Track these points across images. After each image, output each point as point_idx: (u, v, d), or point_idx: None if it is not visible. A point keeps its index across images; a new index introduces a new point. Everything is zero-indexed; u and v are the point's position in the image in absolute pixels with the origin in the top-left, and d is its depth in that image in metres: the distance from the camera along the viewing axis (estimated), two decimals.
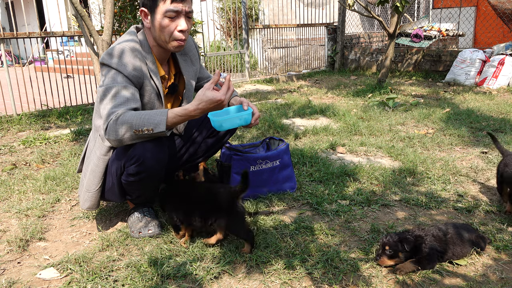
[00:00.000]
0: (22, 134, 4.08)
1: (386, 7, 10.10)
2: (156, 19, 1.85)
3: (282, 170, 2.38)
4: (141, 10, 1.89)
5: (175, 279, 1.63)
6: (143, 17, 1.90)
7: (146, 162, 1.80)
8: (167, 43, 1.90)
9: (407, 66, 7.63)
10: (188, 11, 1.88)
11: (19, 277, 1.70)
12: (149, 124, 1.70)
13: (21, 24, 13.51)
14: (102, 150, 1.94)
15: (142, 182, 1.89)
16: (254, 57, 8.59)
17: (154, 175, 1.89)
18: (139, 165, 1.81)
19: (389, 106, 4.63)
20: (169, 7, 1.81)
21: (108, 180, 1.97)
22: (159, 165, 1.86)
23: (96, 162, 1.95)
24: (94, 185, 1.97)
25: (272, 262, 1.71)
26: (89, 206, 2.01)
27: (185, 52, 2.15)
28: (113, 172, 1.92)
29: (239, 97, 2.26)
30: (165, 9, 1.82)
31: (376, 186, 2.51)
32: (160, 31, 1.87)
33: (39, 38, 5.70)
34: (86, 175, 2.01)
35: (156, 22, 1.86)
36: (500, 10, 7.50)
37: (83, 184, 2.03)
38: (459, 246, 1.69)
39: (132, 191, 1.96)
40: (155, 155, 1.81)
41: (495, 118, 4.03)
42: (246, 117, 1.88)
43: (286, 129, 3.82)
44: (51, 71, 5.42)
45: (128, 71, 1.82)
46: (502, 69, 5.96)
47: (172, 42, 1.89)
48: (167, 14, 1.82)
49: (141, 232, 1.97)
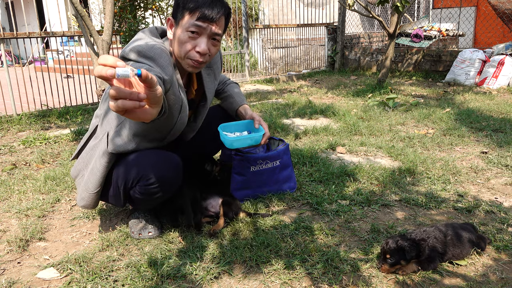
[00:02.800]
0: (22, 134, 4.08)
1: (386, 7, 10.10)
2: (178, 31, 1.70)
3: (282, 170, 2.38)
4: (168, 19, 1.76)
5: (175, 279, 1.63)
6: (169, 27, 1.76)
7: (161, 185, 1.76)
8: (182, 60, 1.74)
9: (407, 66, 7.63)
10: (215, 32, 1.70)
11: (19, 277, 1.70)
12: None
13: (21, 24, 13.51)
14: (104, 157, 1.83)
15: (159, 199, 1.85)
16: (254, 57, 8.59)
17: (167, 195, 1.86)
18: (154, 188, 1.76)
19: (389, 106, 4.63)
20: (193, 22, 1.65)
21: (112, 188, 1.88)
22: (173, 187, 1.83)
23: (98, 166, 1.85)
24: (93, 187, 1.87)
25: (272, 262, 1.71)
26: (85, 205, 1.93)
27: (210, 64, 2.00)
28: (120, 184, 1.82)
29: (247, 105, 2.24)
30: (189, 24, 1.66)
31: (376, 186, 2.51)
32: (179, 46, 1.71)
33: (39, 38, 5.70)
34: (85, 174, 1.93)
35: (176, 35, 1.71)
36: (500, 10, 7.50)
37: (79, 183, 1.95)
38: (459, 248, 1.69)
39: (139, 203, 1.91)
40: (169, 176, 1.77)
41: (495, 118, 4.03)
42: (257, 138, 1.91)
43: (286, 129, 3.82)
44: (51, 71, 5.42)
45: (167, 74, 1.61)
46: (502, 69, 5.96)
47: (187, 60, 1.73)
48: (189, 29, 1.66)
49: (141, 234, 1.96)
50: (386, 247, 1.62)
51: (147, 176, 1.74)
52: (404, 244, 1.61)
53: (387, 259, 1.61)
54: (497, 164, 2.80)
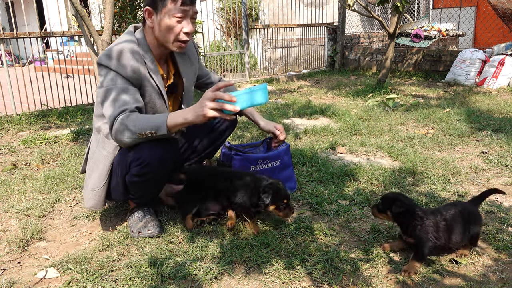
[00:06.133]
0: (22, 134, 4.08)
1: (386, 7, 10.10)
2: (162, 19, 1.84)
3: (283, 171, 2.38)
4: (146, 8, 1.88)
5: (175, 279, 1.63)
6: (147, 16, 1.89)
7: (151, 164, 1.82)
8: (170, 44, 1.90)
9: (407, 66, 7.63)
10: (195, 11, 1.89)
11: (19, 277, 1.70)
12: (151, 127, 1.72)
13: (21, 24, 13.51)
14: (108, 148, 1.95)
15: (146, 183, 1.91)
16: (254, 57, 8.59)
17: (159, 176, 1.91)
18: (144, 167, 1.82)
19: (389, 106, 4.63)
20: (178, 7, 1.81)
21: (113, 179, 1.98)
22: (163, 166, 1.87)
23: (103, 161, 1.96)
24: (99, 183, 1.97)
25: (272, 262, 1.71)
26: (93, 205, 2.00)
27: (183, 51, 2.14)
28: (118, 171, 1.93)
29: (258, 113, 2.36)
30: (174, 10, 1.82)
31: (376, 186, 2.51)
32: (166, 31, 1.87)
33: (39, 38, 5.70)
34: (90, 175, 2.01)
35: (162, 22, 1.85)
36: (500, 10, 7.50)
37: (87, 184, 2.02)
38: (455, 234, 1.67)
39: (135, 190, 1.97)
40: (160, 156, 1.82)
41: (495, 118, 4.03)
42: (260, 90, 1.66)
43: (286, 129, 3.82)
44: (51, 71, 5.42)
45: (127, 73, 1.83)
46: (502, 69, 5.96)
47: (176, 43, 1.90)
48: (176, 14, 1.82)
49: (140, 232, 1.97)
50: (384, 195, 1.82)
51: (136, 156, 1.82)
52: (398, 199, 1.73)
53: (379, 204, 1.79)
54: (497, 164, 2.80)
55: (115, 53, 1.84)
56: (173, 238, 1.94)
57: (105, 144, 1.96)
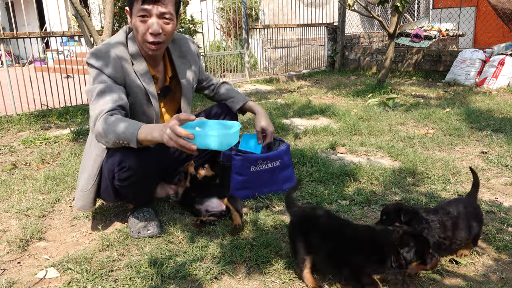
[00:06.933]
0: (22, 134, 4.08)
1: (386, 7, 10.10)
2: (133, 19, 1.86)
3: (283, 171, 2.38)
4: (126, 9, 1.90)
5: (175, 279, 1.63)
6: (128, 17, 1.91)
7: (132, 167, 1.79)
8: (142, 44, 1.89)
9: (407, 66, 7.63)
10: (163, 11, 1.81)
11: (19, 277, 1.70)
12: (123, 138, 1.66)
13: (21, 24, 13.50)
14: (97, 150, 1.93)
15: (132, 186, 1.88)
16: (254, 57, 8.59)
17: (144, 179, 1.88)
18: (125, 171, 1.80)
19: (389, 106, 4.63)
20: (140, 6, 1.79)
21: (103, 181, 1.95)
22: (146, 169, 1.85)
23: (92, 163, 1.94)
24: (87, 185, 1.95)
25: (272, 262, 1.71)
26: (81, 206, 1.99)
27: (183, 55, 2.14)
28: (106, 175, 1.90)
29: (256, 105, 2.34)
30: (137, 9, 1.81)
31: (376, 186, 2.51)
32: (136, 32, 1.87)
33: (39, 38, 5.70)
34: (81, 176, 2.01)
35: (133, 23, 1.87)
36: (500, 10, 7.50)
37: (77, 185, 2.02)
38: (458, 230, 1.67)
39: (126, 194, 1.96)
40: (140, 159, 1.79)
41: (495, 118, 4.03)
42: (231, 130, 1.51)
43: (286, 129, 3.82)
44: (51, 71, 5.42)
45: (110, 71, 1.82)
46: (502, 69, 5.96)
47: (145, 44, 1.87)
48: (138, 14, 1.81)
49: (140, 232, 1.97)
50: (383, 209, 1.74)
51: (121, 161, 1.79)
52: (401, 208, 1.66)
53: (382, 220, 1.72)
54: (497, 164, 2.80)
55: (101, 52, 1.85)
56: (173, 238, 1.94)
57: (96, 146, 1.92)
